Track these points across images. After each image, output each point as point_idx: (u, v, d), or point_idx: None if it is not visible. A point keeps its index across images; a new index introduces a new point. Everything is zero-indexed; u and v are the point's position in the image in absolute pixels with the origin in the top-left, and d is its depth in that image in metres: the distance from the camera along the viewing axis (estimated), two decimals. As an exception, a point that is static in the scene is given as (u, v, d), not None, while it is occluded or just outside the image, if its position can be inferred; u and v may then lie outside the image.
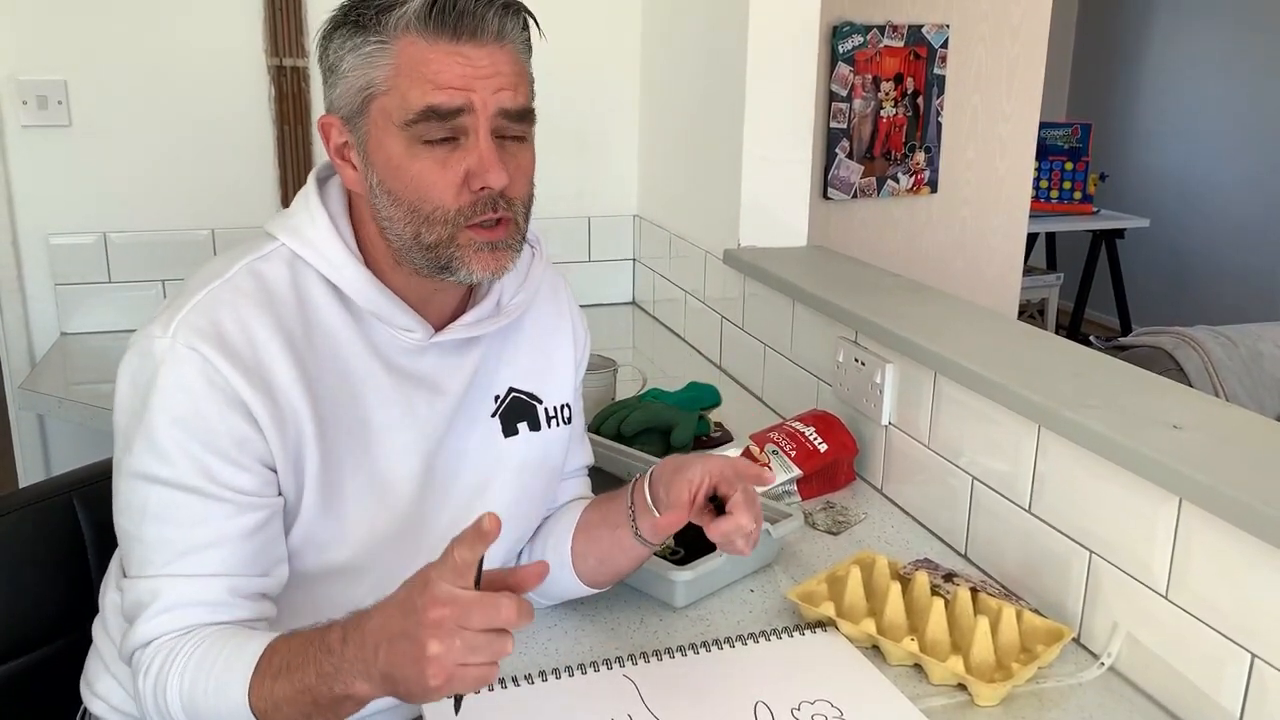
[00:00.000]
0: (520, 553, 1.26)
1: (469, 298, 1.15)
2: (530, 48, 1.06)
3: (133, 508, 0.99)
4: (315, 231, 1.06)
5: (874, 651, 1.20)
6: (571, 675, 1.13)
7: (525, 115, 1.03)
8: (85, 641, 1.22)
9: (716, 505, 1.11)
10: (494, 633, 0.83)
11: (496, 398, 1.18)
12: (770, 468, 1.57)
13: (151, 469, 0.97)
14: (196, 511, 0.98)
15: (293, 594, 1.06)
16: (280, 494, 1.03)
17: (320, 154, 2.40)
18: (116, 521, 1.02)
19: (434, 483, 1.12)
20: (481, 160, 1.00)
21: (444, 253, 1.03)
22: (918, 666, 1.18)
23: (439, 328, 1.11)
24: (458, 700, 0.86)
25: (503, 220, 1.04)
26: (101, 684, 1.16)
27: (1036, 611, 1.25)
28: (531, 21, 1.05)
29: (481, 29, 0.99)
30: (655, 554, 1.26)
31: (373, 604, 0.89)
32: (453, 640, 0.81)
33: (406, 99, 0.98)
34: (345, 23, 1.01)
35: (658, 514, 1.14)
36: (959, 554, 1.46)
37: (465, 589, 0.83)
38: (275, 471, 1.01)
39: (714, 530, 1.08)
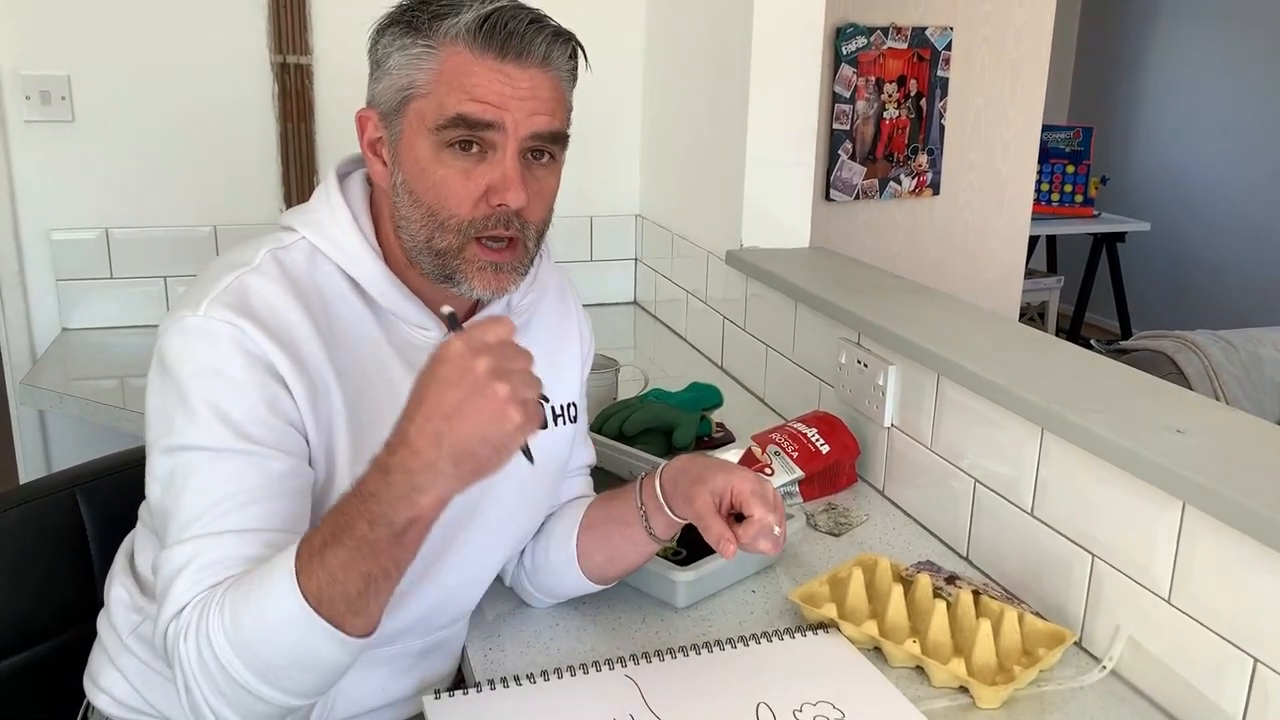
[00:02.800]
0: (523, 551, 1.26)
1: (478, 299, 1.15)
2: (575, 77, 1.07)
3: (173, 481, 0.97)
4: (337, 226, 1.07)
5: (876, 653, 1.20)
6: (573, 675, 1.13)
7: (557, 139, 1.04)
8: (88, 636, 1.22)
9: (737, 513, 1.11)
10: (529, 371, 0.85)
11: (503, 396, 1.18)
12: (772, 469, 1.57)
13: (190, 438, 0.96)
14: (235, 470, 0.96)
15: None
16: (310, 465, 1.02)
17: (323, 151, 2.43)
18: (153, 500, 1.00)
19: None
20: (505, 177, 1.01)
21: (450, 263, 1.04)
22: (919, 669, 1.18)
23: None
24: (527, 450, 0.88)
25: (513, 240, 1.05)
26: (105, 678, 1.16)
27: (1038, 614, 1.25)
28: (580, 52, 1.06)
29: (528, 51, 1.00)
30: (657, 554, 1.27)
31: (391, 431, 0.87)
32: (511, 378, 0.83)
33: (442, 105, 1.00)
34: (400, 21, 1.03)
35: (670, 512, 1.14)
36: (961, 556, 1.46)
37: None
38: (306, 440, 1.01)
39: (741, 537, 1.08)
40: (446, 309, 0.91)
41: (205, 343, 0.97)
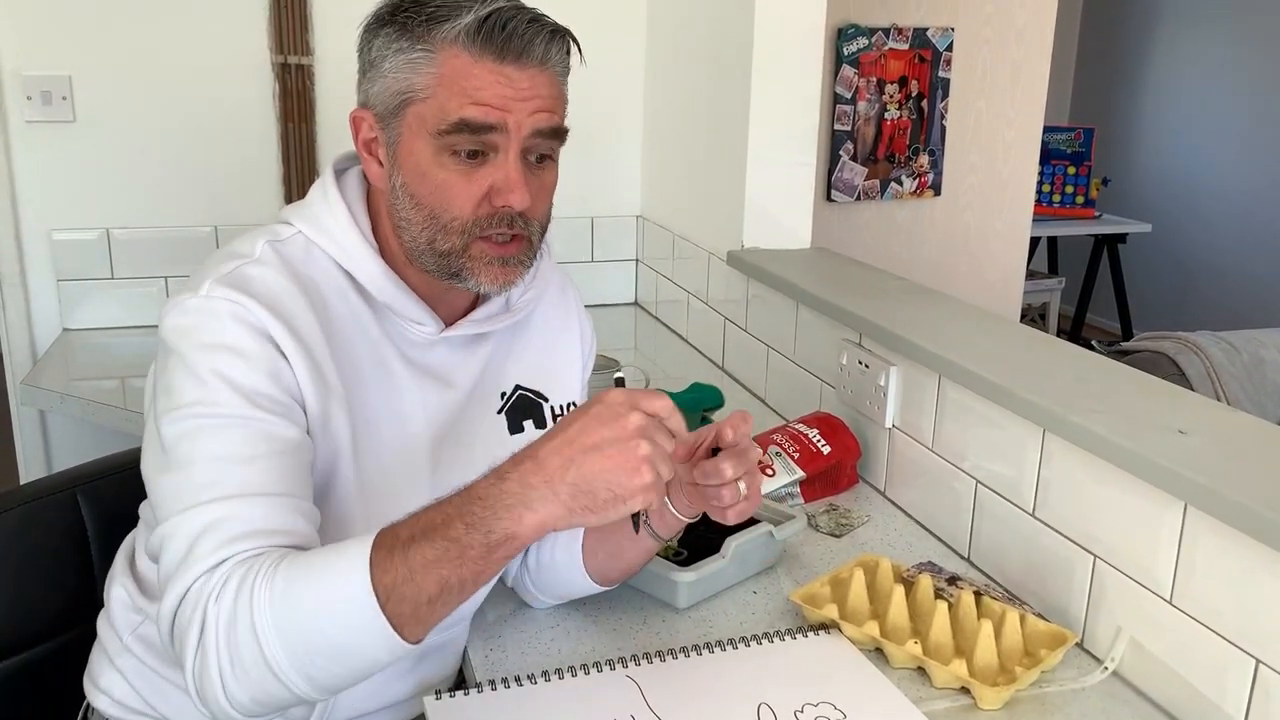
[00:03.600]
0: (526, 551, 1.26)
1: (479, 294, 1.15)
2: (569, 69, 1.07)
3: (180, 446, 0.95)
4: (333, 222, 1.07)
5: (877, 654, 1.20)
6: (575, 675, 1.13)
7: (558, 134, 1.04)
8: (88, 637, 1.22)
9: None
10: (669, 452, 0.88)
11: (503, 394, 1.19)
12: (773, 469, 1.57)
13: (198, 406, 0.95)
14: (246, 436, 0.95)
15: None
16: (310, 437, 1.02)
17: (324, 151, 2.44)
18: (153, 470, 0.98)
19: (440, 475, 1.13)
20: (508, 179, 1.01)
21: (456, 261, 1.04)
22: (921, 670, 1.18)
23: (450, 323, 1.12)
24: (636, 519, 0.91)
25: (516, 237, 1.05)
26: (105, 678, 1.16)
27: (1040, 615, 1.25)
28: (575, 46, 1.06)
29: (527, 52, 1.00)
30: (658, 555, 1.26)
31: (529, 443, 0.89)
32: (656, 444, 0.86)
33: (444, 109, 0.99)
34: (392, 22, 1.02)
35: (672, 508, 1.14)
36: (962, 557, 1.46)
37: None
38: (305, 413, 1.01)
39: (697, 469, 1.03)
40: (618, 374, 0.90)
41: (208, 318, 0.98)
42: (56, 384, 2.09)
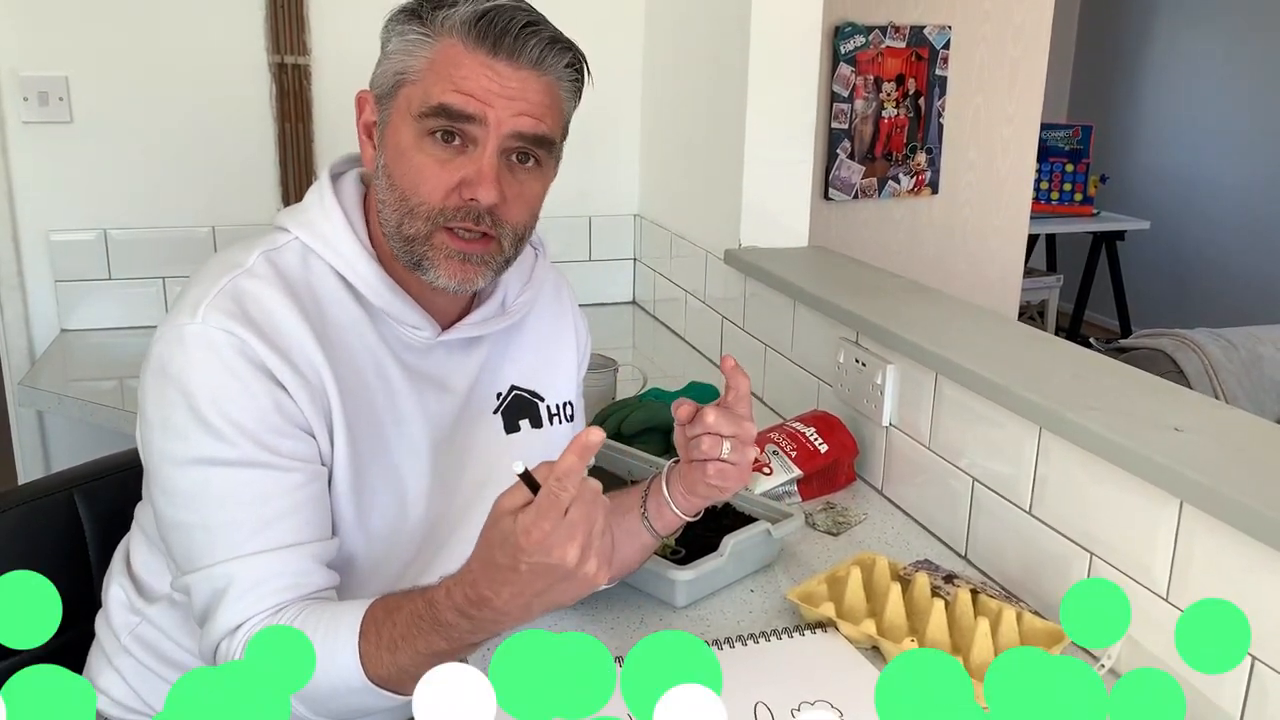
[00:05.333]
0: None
1: (474, 297, 1.15)
2: (577, 90, 1.06)
3: (192, 495, 0.98)
4: (330, 226, 1.07)
5: (874, 652, 1.20)
6: (572, 674, 1.13)
7: (542, 143, 1.04)
8: (87, 637, 1.22)
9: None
10: (588, 508, 0.85)
11: (499, 395, 1.19)
12: (770, 468, 1.57)
13: (208, 452, 0.96)
14: (263, 486, 0.98)
15: None
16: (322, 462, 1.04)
17: (321, 151, 2.44)
18: (166, 514, 1.00)
19: (440, 478, 1.13)
20: (479, 172, 1.01)
21: (419, 249, 1.04)
22: (918, 667, 1.17)
23: (445, 326, 1.12)
24: (532, 484, 0.90)
25: (486, 236, 1.04)
26: (103, 678, 1.17)
27: (1037, 613, 1.25)
28: (584, 65, 1.06)
29: (520, 52, 1.00)
30: (656, 553, 1.26)
31: (465, 583, 0.88)
32: (593, 539, 0.85)
33: (428, 93, 1.00)
34: (406, 9, 1.04)
35: (672, 505, 1.15)
36: (959, 555, 1.46)
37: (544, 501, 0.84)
38: (315, 438, 1.02)
39: (689, 428, 1.11)
40: (518, 466, 0.86)
41: (208, 352, 0.97)
42: (54, 385, 2.09)
